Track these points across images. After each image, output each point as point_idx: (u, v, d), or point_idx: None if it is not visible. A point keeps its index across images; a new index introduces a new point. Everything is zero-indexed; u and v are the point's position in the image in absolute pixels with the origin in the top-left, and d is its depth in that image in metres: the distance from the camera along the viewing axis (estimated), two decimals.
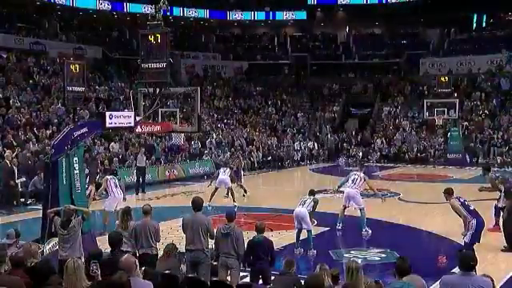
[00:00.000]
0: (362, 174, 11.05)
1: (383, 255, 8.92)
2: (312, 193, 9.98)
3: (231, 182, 13.88)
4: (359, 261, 7.69)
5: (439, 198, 14.89)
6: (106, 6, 29.06)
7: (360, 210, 10.77)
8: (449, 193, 8.31)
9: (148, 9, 28.09)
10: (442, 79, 24.20)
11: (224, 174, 13.80)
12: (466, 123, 25.58)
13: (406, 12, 30.85)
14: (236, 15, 33.53)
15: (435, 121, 24.00)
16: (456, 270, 5.37)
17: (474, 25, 32.99)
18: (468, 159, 23.47)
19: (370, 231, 10.57)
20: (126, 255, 4.82)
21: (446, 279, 4.73)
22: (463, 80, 28.81)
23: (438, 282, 5.20)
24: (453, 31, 32.06)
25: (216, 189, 13.79)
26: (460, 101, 24.45)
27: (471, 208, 8.10)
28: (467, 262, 4.61)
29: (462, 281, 4.53)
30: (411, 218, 12.06)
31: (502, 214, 10.06)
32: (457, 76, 28.20)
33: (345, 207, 10.88)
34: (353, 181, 10.85)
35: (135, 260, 4.58)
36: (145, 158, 16.49)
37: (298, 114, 29.63)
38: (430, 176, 20.48)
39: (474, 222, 7.91)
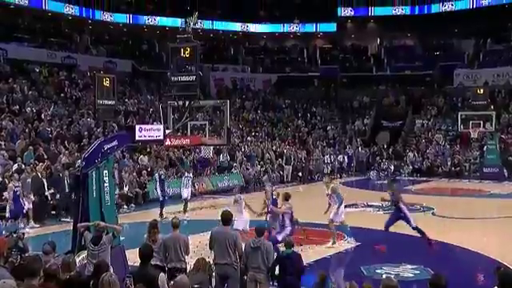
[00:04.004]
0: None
1: (417, 272, 8.67)
2: None
3: None
4: (392, 276, 7.43)
5: (475, 213, 14.48)
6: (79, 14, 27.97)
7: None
8: (286, 198, 9.35)
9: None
10: (478, 91, 23.52)
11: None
12: (504, 136, 24.67)
13: (439, 23, 30.24)
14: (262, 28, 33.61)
15: (470, 134, 23.32)
16: None
17: None
18: (506, 173, 22.60)
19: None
20: (181, 276, 4.79)
21: None
22: (500, 92, 27.90)
23: None
24: (489, 41, 31.09)
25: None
26: (497, 113, 23.64)
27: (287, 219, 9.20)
28: (508, 280, 4.34)
29: None
30: (445, 233, 11.67)
31: None
32: (493, 88, 27.37)
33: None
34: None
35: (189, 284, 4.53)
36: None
37: (328, 127, 29.32)
38: (465, 190, 19.85)
39: (289, 228, 9.15)
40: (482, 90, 23.55)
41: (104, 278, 4.38)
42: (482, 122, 22.66)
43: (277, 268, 6.58)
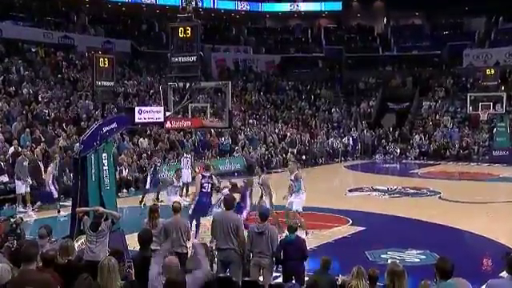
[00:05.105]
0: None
1: (423, 257, 8.54)
2: None
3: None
4: (397, 261, 7.24)
5: (483, 197, 14.26)
6: None
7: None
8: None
9: None
10: (488, 71, 22.91)
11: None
12: None
13: (448, 0, 29.50)
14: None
15: (479, 116, 22.92)
16: (504, 274, 4.85)
17: None
18: None
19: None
20: (170, 257, 4.77)
21: (493, 284, 4.42)
22: None
23: (483, 287, 4.78)
24: (501, 20, 30.33)
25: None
26: (508, 94, 23.05)
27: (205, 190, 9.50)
28: None
29: None
30: (453, 217, 11.56)
31: None
32: (504, 68, 26.78)
33: None
34: None
35: (178, 262, 4.50)
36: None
37: (333, 109, 28.95)
38: (474, 174, 19.62)
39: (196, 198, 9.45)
40: (492, 71, 22.95)
41: (103, 263, 4.34)
42: (491, 104, 22.21)
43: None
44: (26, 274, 4.22)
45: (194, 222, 9.27)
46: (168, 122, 9.14)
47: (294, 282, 6.19)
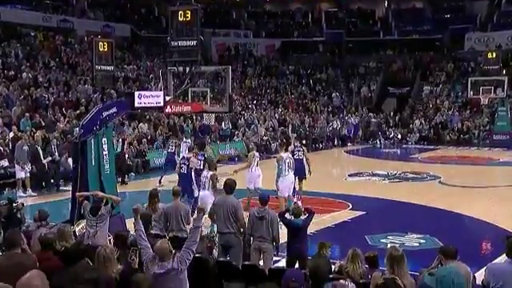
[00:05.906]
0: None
1: (422, 241, 8.51)
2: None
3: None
4: (397, 246, 7.26)
5: (484, 181, 14.27)
6: None
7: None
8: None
9: None
10: (490, 55, 22.68)
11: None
12: None
13: None
14: None
15: (480, 100, 22.77)
16: (503, 257, 4.88)
17: None
18: None
19: None
20: (160, 240, 4.77)
21: (492, 267, 4.47)
22: None
23: (482, 270, 4.85)
24: (504, 2, 29.90)
25: None
26: (509, 78, 22.83)
27: None
28: None
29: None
30: (452, 202, 11.58)
31: None
32: (507, 51, 26.55)
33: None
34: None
35: (169, 245, 4.54)
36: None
37: (333, 94, 28.83)
38: (474, 158, 19.56)
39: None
40: (494, 54, 22.69)
41: (99, 252, 4.36)
42: (492, 88, 22.03)
43: (285, 235, 6.54)
44: (9, 257, 4.31)
45: None
46: (168, 107, 9.10)
47: (297, 266, 6.25)
